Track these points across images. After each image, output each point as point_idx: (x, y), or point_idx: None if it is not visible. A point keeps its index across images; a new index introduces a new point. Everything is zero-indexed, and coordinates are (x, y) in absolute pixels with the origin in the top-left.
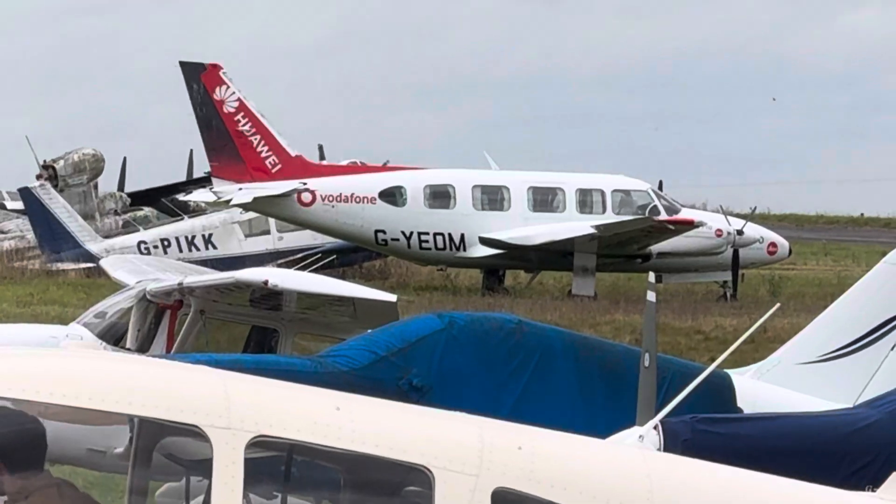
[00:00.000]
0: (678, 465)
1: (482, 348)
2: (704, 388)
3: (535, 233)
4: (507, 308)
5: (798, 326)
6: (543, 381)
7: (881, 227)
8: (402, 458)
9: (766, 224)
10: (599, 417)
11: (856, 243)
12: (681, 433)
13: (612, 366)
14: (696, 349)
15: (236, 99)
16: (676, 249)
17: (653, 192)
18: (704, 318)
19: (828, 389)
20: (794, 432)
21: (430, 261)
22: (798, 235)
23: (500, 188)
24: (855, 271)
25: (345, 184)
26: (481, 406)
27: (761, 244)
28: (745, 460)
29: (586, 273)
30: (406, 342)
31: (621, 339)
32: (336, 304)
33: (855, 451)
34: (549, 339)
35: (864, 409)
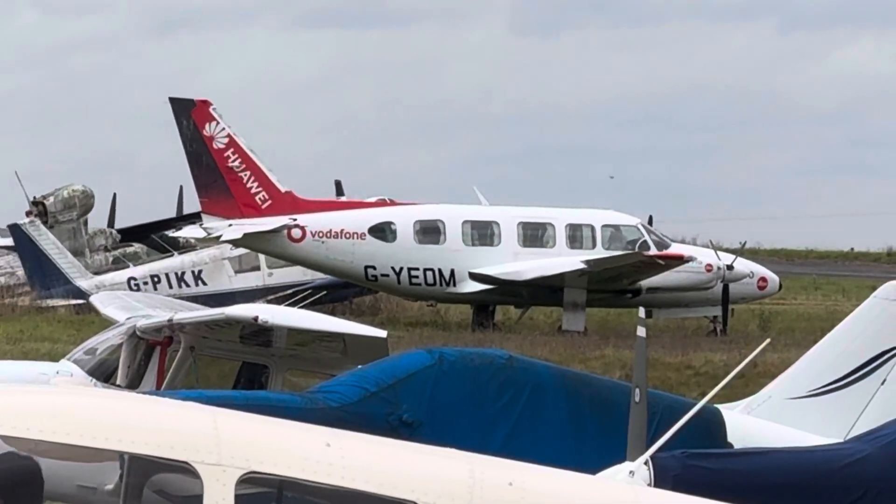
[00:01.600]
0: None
1: (472, 384)
2: (695, 423)
3: (525, 268)
4: (497, 343)
5: (788, 361)
6: (534, 416)
7: (871, 262)
8: (392, 494)
9: (757, 259)
10: (590, 453)
11: (846, 278)
12: (671, 468)
13: (602, 401)
14: (687, 384)
15: (226, 135)
16: (666, 284)
17: (642, 227)
18: (695, 353)
19: (818, 424)
20: (784, 467)
21: (420, 296)
22: (788, 270)
23: (490, 223)
24: (845, 306)
25: (335, 220)
26: (472, 442)
27: (751, 279)
28: (735, 495)
29: (576, 308)
30: (396, 378)
31: (611, 374)
32: (326, 340)
33: (846, 486)
34: (539, 375)
35: (855, 444)
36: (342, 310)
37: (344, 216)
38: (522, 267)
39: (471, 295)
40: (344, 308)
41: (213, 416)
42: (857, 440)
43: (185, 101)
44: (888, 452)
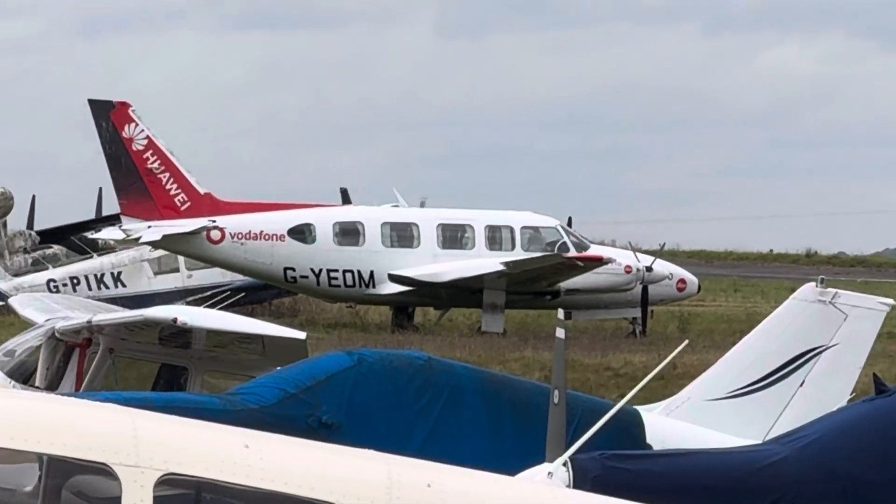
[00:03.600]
0: (587, 503)
1: (391, 385)
2: (614, 424)
3: (444, 270)
4: (416, 345)
5: (707, 363)
6: (453, 417)
7: (790, 264)
8: (310, 495)
9: (676, 260)
10: (509, 454)
11: (765, 280)
12: (590, 470)
13: (521, 402)
14: (606, 386)
15: (145, 137)
16: (586, 286)
17: (562, 229)
18: (614, 354)
19: (737, 426)
20: (703, 469)
21: (339, 298)
22: (707, 272)
23: (410, 225)
24: (764, 308)
25: (254, 221)
26: (390, 443)
27: (670, 280)
28: (654, 497)
29: (495, 310)
30: (315, 379)
31: (530, 375)
32: (245, 342)
33: (764, 488)
34: (458, 377)
35: (774, 446)
36: (261, 311)
37: (263, 218)
38: (442, 268)
39: (390, 296)
40: (263, 309)
41: (132, 418)
42: (775, 442)
43: (105, 102)
44: (807, 454)
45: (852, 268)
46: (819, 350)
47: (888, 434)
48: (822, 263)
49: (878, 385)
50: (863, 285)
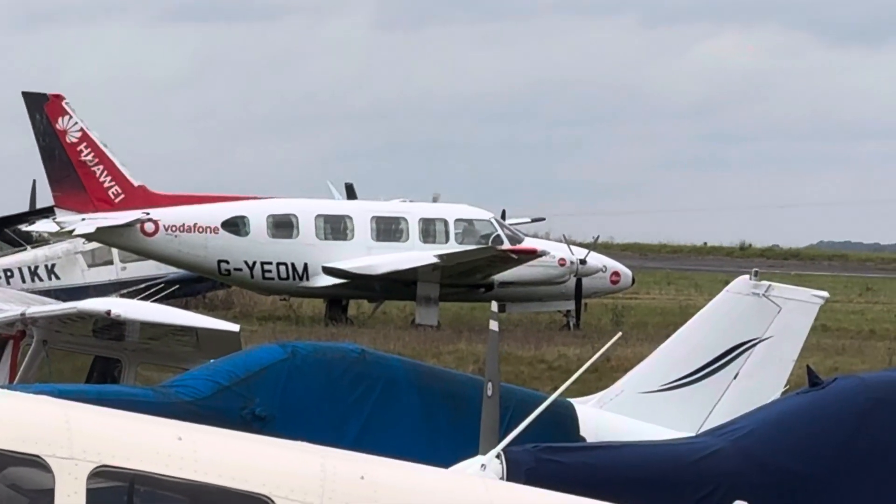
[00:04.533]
0: (521, 495)
1: (325, 378)
2: (547, 417)
3: (378, 262)
4: (350, 338)
5: (641, 355)
6: (387, 410)
7: (724, 256)
8: (244, 487)
9: (610, 253)
10: (443, 446)
11: (699, 272)
12: (524, 462)
13: (455, 395)
14: (540, 378)
15: (79, 129)
16: (520, 279)
17: (496, 222)
18: (548, 347)
19: (671, 418)
20: (637, 461)
21: (273, 290)
22: (641, 265)
23: (344, 218)
24: (698, 300)
25: (188, 214)
26: (324, 435)
27: (604, 273)
28: (588, 489)
29: (429, 303)
30: (249, 372)
31: (464, 368)
32: (179, 334)
33: (698, 480)
34: (392, 369)
35: (708, 438)
36: (195, 304)
37: (197, 210)
38: (375, 261)
39: (324, 289)
40: (197, 302)
41: (66, 410)
42: (709, 434)
43: (38, 95)
44: (741, 447)
45: (786, 261)
46: (753, 343)
47: (821, 427)
48: (756, 256)
49: (812, 377)
50: (796, 278)
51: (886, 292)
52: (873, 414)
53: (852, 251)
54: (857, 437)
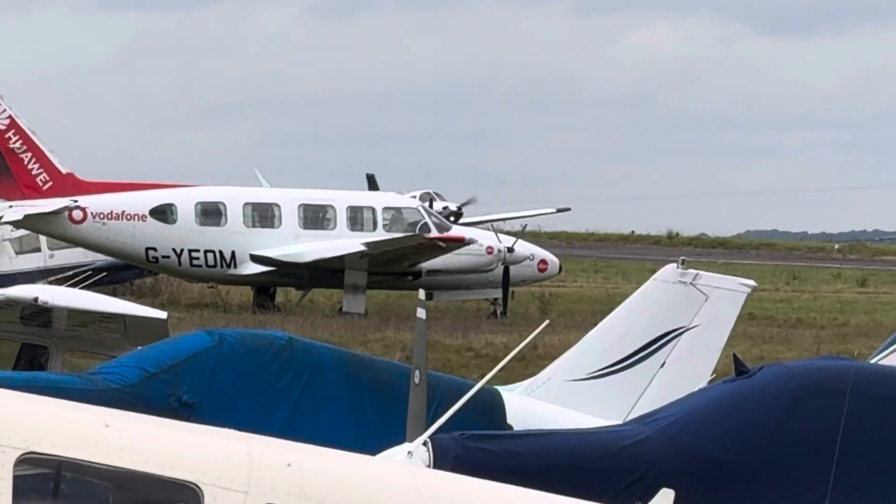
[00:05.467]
0: (448, 482)
1: (252, 365)
2: (475, 405)
3: (305, 250)
4: (277, 325)
5: (568, 343)
6: (314, 397)
7: (651, 245)
8: (171, 474)
9: (537, 241)
10: (370, 434)
11: (626, 261)
12: (451, 450)
13: (382, 382)
14: (467, 366)
15: (7, 116)
16: (447, 267)
17: (423, 210)
18: (475, 335)
19: (598, 406)
20: (564, 449)
21: (200, 278)
22: (569, 253)
23: (271, 205)
24: (625, 289)
25: (116, 201)
26: (252, 423)
27: (532, 261)
28: (515, 477)
29: (357, 290)
30: (176, 359)
31: (392, 356)
32: (107, 321)
33: (625, 468)
34: (319, 357)
35: (635, 426)
36: (123, 291)
37: (125, 198)
38: (303, 249)
39: (252, 277)
40: (125, 289)
41: None
42: (636, 422)
43: None
44: (667, 435)
45: (713, 249)
46: (680, 331)
47: (748, 415)
48: (684, 245)
49: (739, 366)
50: (724, 267)
51: (813, 281)
52: (800, 402)
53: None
54: (783, 425)
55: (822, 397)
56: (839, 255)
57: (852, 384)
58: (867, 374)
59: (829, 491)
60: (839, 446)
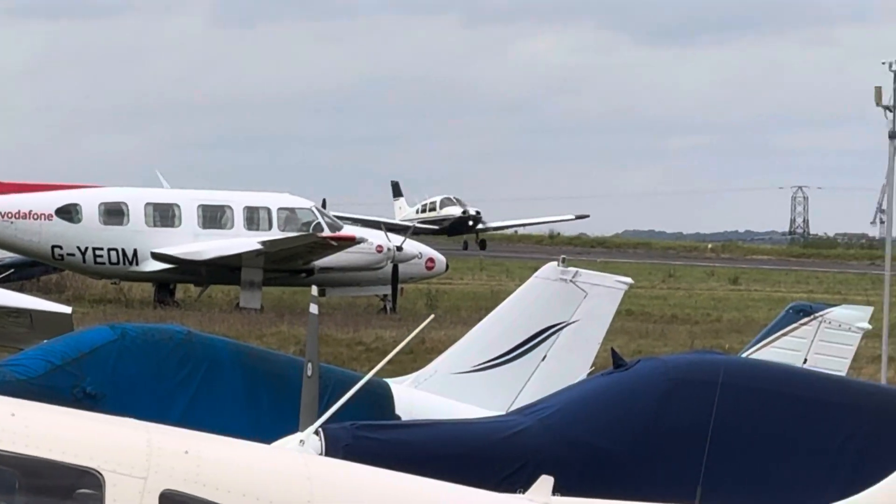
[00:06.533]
0: (338, 469)
1: (153, 358)
2: (364, 396)
3: (204, 248)
4: (177, 320)
5: (454, 338)
6: (211, 389)
7: (534, 244)
8: (74, 461)
9: (425, 241)
10: (265, 423)
11: (510, 259)
12: (342, 438)
13: (277, 375)
14: (358, 359)
15: None
16: (339, 264)
17: (316, 210)
18: (365, 329)
19: (482, 397)
20: (450, 438)
21: (104, 275)
22: (456, 251)
23: (172, 206)
24: (509, 286)
25: (23, 201)
26: (152, 413)
27: (420, 260)
28: (403, 465)
29: (253, 287)
30: (80, 352)
31: (286, 349)
32: (13, 316)
33: (508, 457)
34: (216, 350)
35: (517, 417)
36: (30, 287)
37: (32, 198)
38: (202, 247)
39: (153, 274)
40: (32, 285)
41: None
42: (519, 413)
43: None
44: (548, 425)
45: (593, 248)
46: (560, 326)
47: (625, 406)
48: (564, 244)
49: (616, 359)
50: (602, 265)
51: (688, 279)
52: (674, 394)
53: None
54: (658, 415)
55: (695, 389)
56: (713, 254)
57: (724, 377)
58: (738, 368)
59: (701, 478)
60: (711, 436)
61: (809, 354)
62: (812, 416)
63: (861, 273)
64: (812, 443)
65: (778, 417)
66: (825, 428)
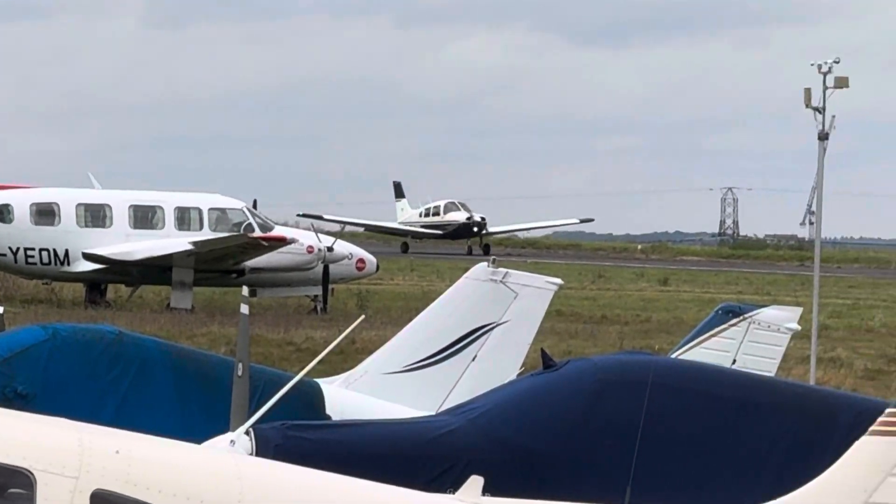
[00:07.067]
0: (269, 470)
1: (84, 358)
2: (295, 396)
3: (135, 249)
4: (108, 320)
5: (384, 338)
6: (142, 389)
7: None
8: (4, 461)
9: (356, 241)
10: (196, 423)
11: (440, 260)
12: (272, 438)
13: (207, 375)
14: (288, 360)
15: None
16: (270, 265)
17: (247, 211)
18: (296, 330)
19: (413, 397)
20: (380, 438)
21: (35, 275)
22: (388, 251)
23: (103, 206)
24: (439, 286)
25: None
26: (84, 413)
27: (350, 260)
28: (333, 464)
29: (184, 287)
30: (11, 352)
31: (217, 350)
32: None
33: (437, 456)
34: (147, 350)
35: (447, 417)
36: None
37: None
38: (133, 247)
39: (84, 274)
40: None
41: None
42: (448, 413)
43: None
44: (478, 425)
45: (523, 249)
46: (491, 326)
47: (555, 406)
48: (495, 245)
49: (546, 360)
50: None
51: (618, 280)
52: (604, 394)
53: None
54: (588, 415)
55: (625, 389)
56: (642, 255)
57: (653, 378)
58: (667, 369)
59: (630, 478)
60: (640, 435)
61: (738, 355)
62: (741, 417)
63: (790, 274)
64: (741, 443)
65: (707, 418)
66: (754, 429)
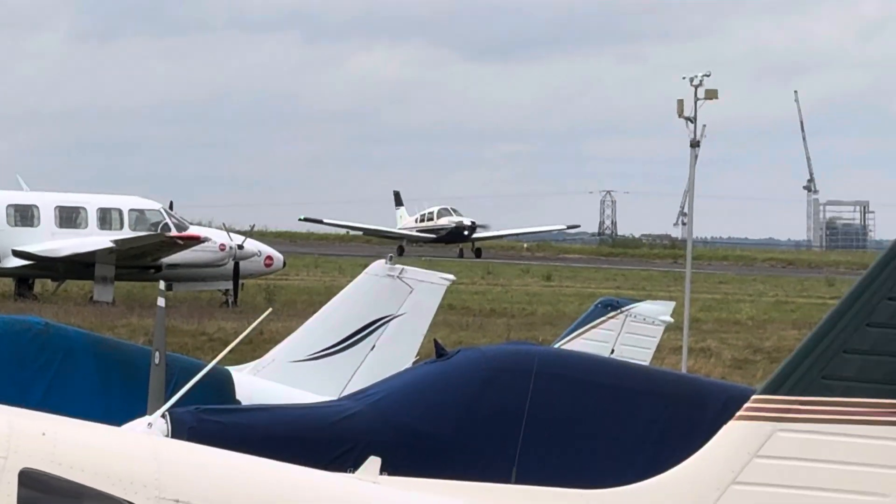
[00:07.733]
0: (183, 450)
1: (12, 347)
2: (208, 382)
3: (61, 246)
4: (35, 312)
5: (291, 329)
6: (67, 376)
7: (364, 243)
8: None
9: (264, 240)
10: (117, 408)
11: (342, 257)
12: (186, 421)
13: (127, 363)
14: (202, 349)
15: None
16: (185, 261)
17: (164, 211)
18: (209, 321)
19: (316, 384)
20: (286, 421)
21: None
22: (292, 250)
23: (31, 207)
24: (342, 282)
25: None
26: (11, 398)
27: (259, 257)
28: (243, 446)
29: (106, 282)
30: None
31: (136, 339)
32: None
33: (339, 438)
34: (72, 340)
35: (348, 402)
36: None
37: None
38: (59, 245)
39: (13, 269)
40: None
41: None
42: (349, 398)
43: None
44: (376, 410)
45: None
46: (388, 318)
47: (446, 392)
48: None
49: (439, 349)
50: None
51: (506, 275)
52: (491, 382)
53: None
54: (478, 401)
55: (511, 378)
56: (528, 252)
57: (537, 366)
58: (550, 358)
59: (516, 459)
60: (525, 421)
61: (616, 345)
62: (618, 403)
63: (664, 271)
64: (617, 427)
65: (586, 404)
66: (630, 413)
